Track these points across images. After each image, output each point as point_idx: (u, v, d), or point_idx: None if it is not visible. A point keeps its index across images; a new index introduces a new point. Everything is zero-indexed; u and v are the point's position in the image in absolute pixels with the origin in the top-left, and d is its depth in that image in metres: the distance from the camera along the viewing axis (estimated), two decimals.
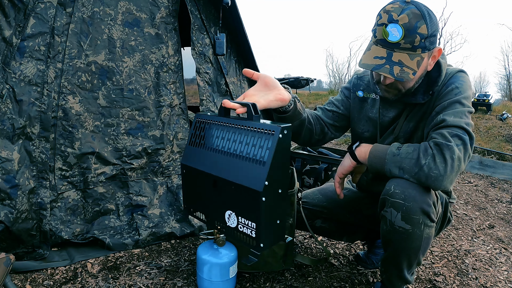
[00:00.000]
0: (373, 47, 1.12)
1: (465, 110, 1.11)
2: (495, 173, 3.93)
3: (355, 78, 1.44)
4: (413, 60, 1.07)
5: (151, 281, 1.50)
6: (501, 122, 6.53)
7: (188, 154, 1.16)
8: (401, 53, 1.07)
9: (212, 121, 1.08)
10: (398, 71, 1.06)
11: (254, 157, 0.93)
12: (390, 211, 1.12)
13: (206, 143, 1.09)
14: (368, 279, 1.60)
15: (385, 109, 1.33)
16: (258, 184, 0.89)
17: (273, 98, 1.09)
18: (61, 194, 1.69)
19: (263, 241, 0.93)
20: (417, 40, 1.05)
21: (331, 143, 5.93)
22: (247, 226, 0.96)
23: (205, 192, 1.10)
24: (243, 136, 0.97)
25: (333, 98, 1.49)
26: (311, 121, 1.35)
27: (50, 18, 1.61)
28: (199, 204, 1.16)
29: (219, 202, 1.05)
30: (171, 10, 1.96)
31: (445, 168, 1.02)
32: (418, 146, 1.09)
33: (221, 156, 1.02)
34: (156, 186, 1.93)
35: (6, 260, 1.19)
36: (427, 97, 1.20)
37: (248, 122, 0.97)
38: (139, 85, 1.87)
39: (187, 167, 1.16)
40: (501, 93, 24.17)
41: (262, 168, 0.90)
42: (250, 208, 0.94)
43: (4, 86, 1.54)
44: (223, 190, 1.01)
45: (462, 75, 1.18)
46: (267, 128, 0.92)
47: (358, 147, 1.23)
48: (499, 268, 1.78)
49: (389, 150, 1.12)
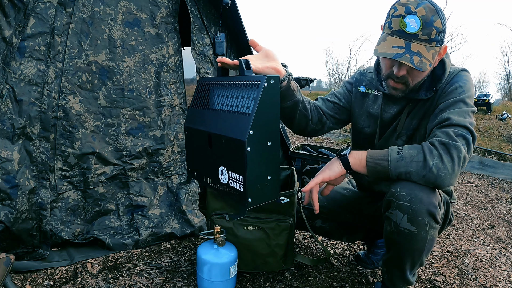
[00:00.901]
0: (388, 37, 1.12)
1: (469, 109, 1.12)
2: (495, 173, 3.94)
3: (358, 74, 1.44)
4: (429, 52, 1.09)
5: (151, 281, 1.50)
6: (501, 122, 6.54)
7: (190, 116, 1.19)
8: (419, 44, 1.09)
9: (210, 82, 1.11)
10: (417, 60, 1.07)
11: (241, 109, 0.93)
12: (396, 213, 1.12)
13: (203, 103, 1.12)
14: (368, 279, 1.60)
15: (387, 105, 1.33)
16: (243, 134, 0.89)
17: (269, 66, 1.09)
18: (61, 194, 1.69)
19: (251, 195, 0.92)
20: (433, 33, 1.07)
21: (330, 143, 5.93)
22: (236, 181, 0.94)
23: (202, 151, 1.11)
24: (234, 91, 0.98)
25: (335, 90, 1.49)
26: (306, 106, 1.32)
27: (50, 18, 1.61)
28: (199, 164, 1.16)
29: (214, 159, 1.05)
30: (171, 10, 1.96)
31: (453, 167, 1.03)
32: (421, 147, 1.08)
33: (215, 113, 1.04)
34: (157, 186, 1.93)
35: (6, 260, 1.19)
36: (430, 94, 1.20)
37: (239, 77, 0.98)
38: (140, 85, 1.87)
39: (188, 128, 1.18)
40: (501, 93, 24.16)
41: (247, 117, 0.89)
42: (237, 160, 0.92)
43: (4, 86, 1.54)
44: (216, 146, 1.02)
45: (466, 74, 1.19)
46: (253, 79, 0.92)
47: (350, 155, 1.18)
48: (499, 268, 1.78)
49: (390, 156, 1.10)
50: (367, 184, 1.50)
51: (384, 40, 1.13)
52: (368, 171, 1.14)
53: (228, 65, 1.03)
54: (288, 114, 1.28)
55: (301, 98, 1.28)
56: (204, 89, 1.14)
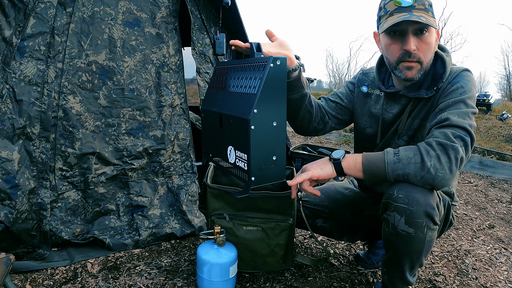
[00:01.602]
0: (389, 18, 1.15)
1: (469, 111, 1.11)
2: (495, 173, 3.94)
3: (360, 74, 1.45)
4: (430, 18, 1.13)
5: (151, 281, 1.51)
6: (501, 122, 6.54)
7: (206, 99, 1.23)
8: (418, 12, 1.12)
9: (225, 66, 1.15)
10: (423, 19, 1.09)
11: (248, 90, 0.95)
12: (393, 215, 1.11)
13: (217, 86, 1.16)
14: (368, 279, 1.60)
15: (388, 105, 1.33)
16: (247, 112, 0.90)
17: (282, 53, 1.09)
18: (61, 195, 1.69)
19: (254, 174, 0.92)
20: (426, 4, 1.13)
21: (330, 143, 5.93)
22: (242, 159, 0.95)
23: (215, 132, 1.13)
24: (244, 73, 1.01)
25: (337, 90, 1.48)
26: (312, 103, 1.32)
27: (50, 18, 1.61)
28: (213, 146, 1.18)
29: (224, 140, 1.07)
30: (171, 10, 1.96)
31: (451, 168, 1.03)
32: (417, 148, 1.07)
33: (226, 95, 1.07)
34: (157, 186, 1.93)
35: (6, 260, 1.19)
36: (431, 93, 1.20)
37: (249, 59, 1.00)
38: (140, 85, 1.87)
39: (204, 110, 1.21)
40: (501, 93, 24.17)
41: (252, 97, 0.91)
42: (242, 139, 0.93)
43: (4, 86, 1.54)
44: (226, 126, 1.04)
45: (468, 74, 1.18)
46: (261, 60, 0.95)
47: (344, 159, 1.16)
48: (499, 268, 1.78)
49: (387, 159, 1.09)
50: (369, 184, 1.50)
51: (386, 20, 1.15)
52: (364, 175, 1.13)
53: (240, 48, 1.06)
54: (294, 108, 1.28)
55: (308, 93, 1.28)
56: (218, 72, 1.18)
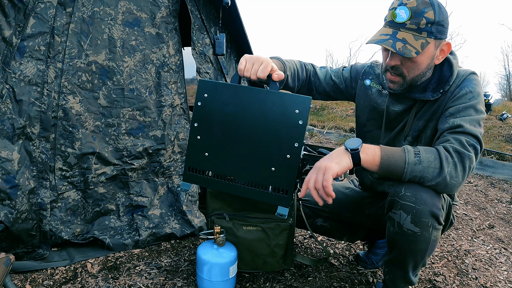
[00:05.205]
0: (381, 28, 1.18)
1: (479, 117, 1.14)
2: (495, 173, 3.94)
3: (368, 67, 1.44)
4: (417, 41, 1.11)
5: (151, 281, 1.51)
6: (501, 122, 6.53)
7: None
8: (406, 32, 1.12)
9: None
10: (400, 46, 1.10)
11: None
12: (399, 213, 1.12)
13: None
14: (368, 279, 1.60)
15: (392, 103, 1.33)
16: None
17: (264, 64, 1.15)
18: (61, 195, 1.69)
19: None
20: (422, 23, 1.09)
21: (330, 143, 5.92)
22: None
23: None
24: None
25: (342, 70, 1.48)
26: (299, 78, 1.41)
27: (50, 18, 1.61)
28: None
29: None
30: (171, 9, 1.95)
31: (464, 176, 1.07)
32: (437, 153, 1.07)
33: None
34: (157, 186, 1.93)
35: (6, 260, 1.19)
36: (437, 95, 1.21)
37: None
38: (140, 85, 1.87)
39: None
40: (501, 93, 24.13)
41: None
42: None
43: (4, 86, 1.54)
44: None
45: (475, 78, 1.20)
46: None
47: (362, 150, 1.09)
48: (499, 268, 1.78)
49: (408, 159, 1.07)
50: (369, 183, 1.50)
51: (376, 31, 1.18)
52: (379, 170, 1.09)
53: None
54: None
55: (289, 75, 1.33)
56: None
